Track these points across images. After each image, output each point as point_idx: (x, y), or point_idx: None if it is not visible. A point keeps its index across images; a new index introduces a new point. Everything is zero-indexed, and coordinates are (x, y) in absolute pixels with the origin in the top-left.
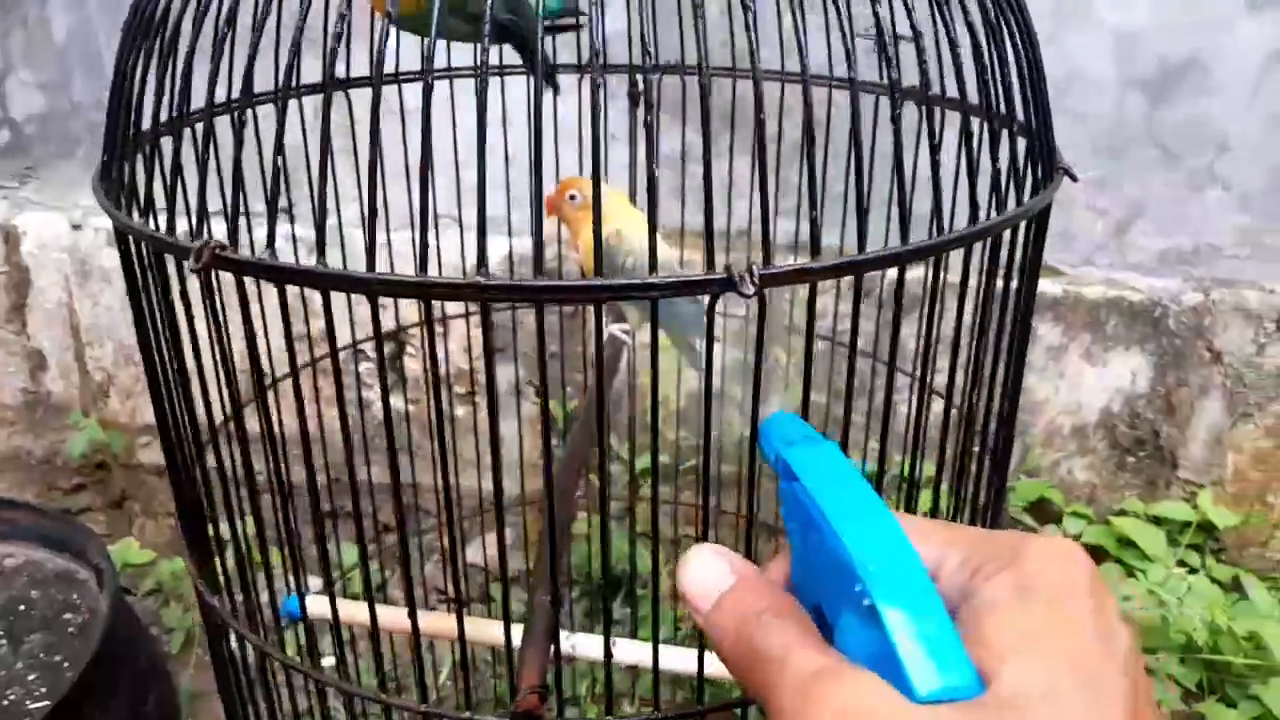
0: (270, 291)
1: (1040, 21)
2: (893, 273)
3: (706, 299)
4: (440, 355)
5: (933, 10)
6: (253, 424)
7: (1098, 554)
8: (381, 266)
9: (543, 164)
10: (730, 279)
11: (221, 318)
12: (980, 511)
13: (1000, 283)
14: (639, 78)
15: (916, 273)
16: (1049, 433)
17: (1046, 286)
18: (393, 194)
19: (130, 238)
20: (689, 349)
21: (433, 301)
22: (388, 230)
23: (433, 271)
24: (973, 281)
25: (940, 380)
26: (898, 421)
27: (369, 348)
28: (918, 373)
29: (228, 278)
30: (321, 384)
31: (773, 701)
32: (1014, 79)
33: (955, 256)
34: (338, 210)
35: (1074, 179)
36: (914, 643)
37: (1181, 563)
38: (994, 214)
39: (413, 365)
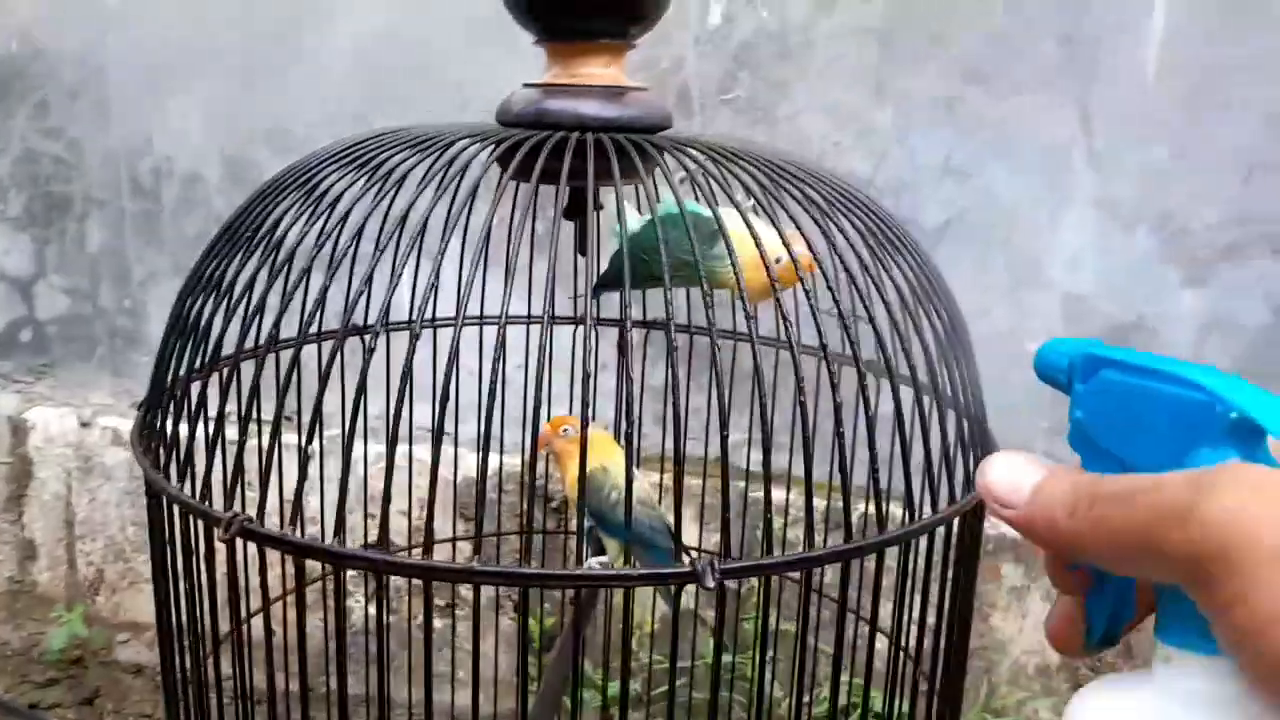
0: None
1: (996, 276)
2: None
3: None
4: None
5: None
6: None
7: None
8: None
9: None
10: (694, 572)
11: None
12: None
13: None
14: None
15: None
16: (1014, 672)
17: (1008, 529)
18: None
19: (164, 497)
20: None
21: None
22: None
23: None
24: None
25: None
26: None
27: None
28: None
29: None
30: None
31: (1164, 514)
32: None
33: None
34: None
35: None
36: None
37: None
38: (930, 509)
39: (396, 580)
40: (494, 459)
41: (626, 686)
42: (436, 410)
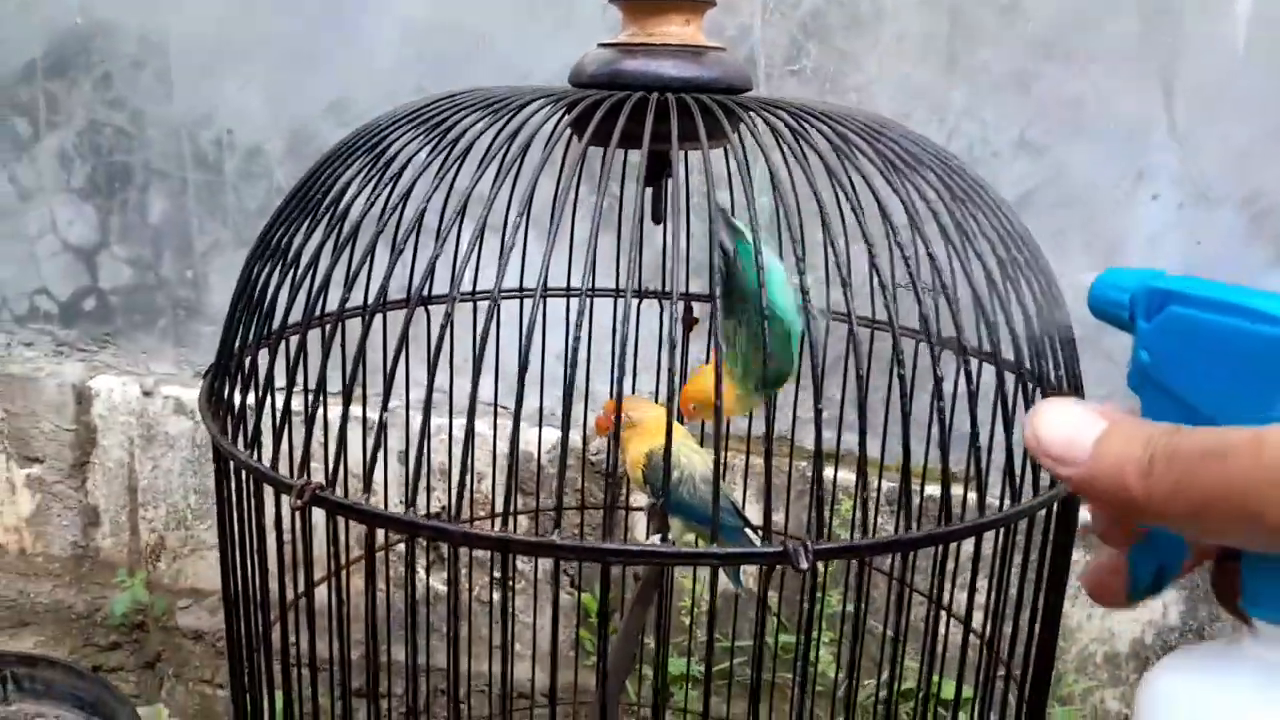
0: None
1: (1072, 257)
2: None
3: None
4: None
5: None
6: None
7: None
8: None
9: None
10: (786, 553)
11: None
12: None
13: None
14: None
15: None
16: (1081, 660)
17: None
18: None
19: (233, 464)
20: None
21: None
22: (450, 416)
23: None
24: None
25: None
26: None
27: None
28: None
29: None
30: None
31: (1270, 475)
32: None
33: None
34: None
35: None
36: None
37: None
38: (1032, 489)
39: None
40: (552, 434)
41: (710, 667)
42: (516, 382)
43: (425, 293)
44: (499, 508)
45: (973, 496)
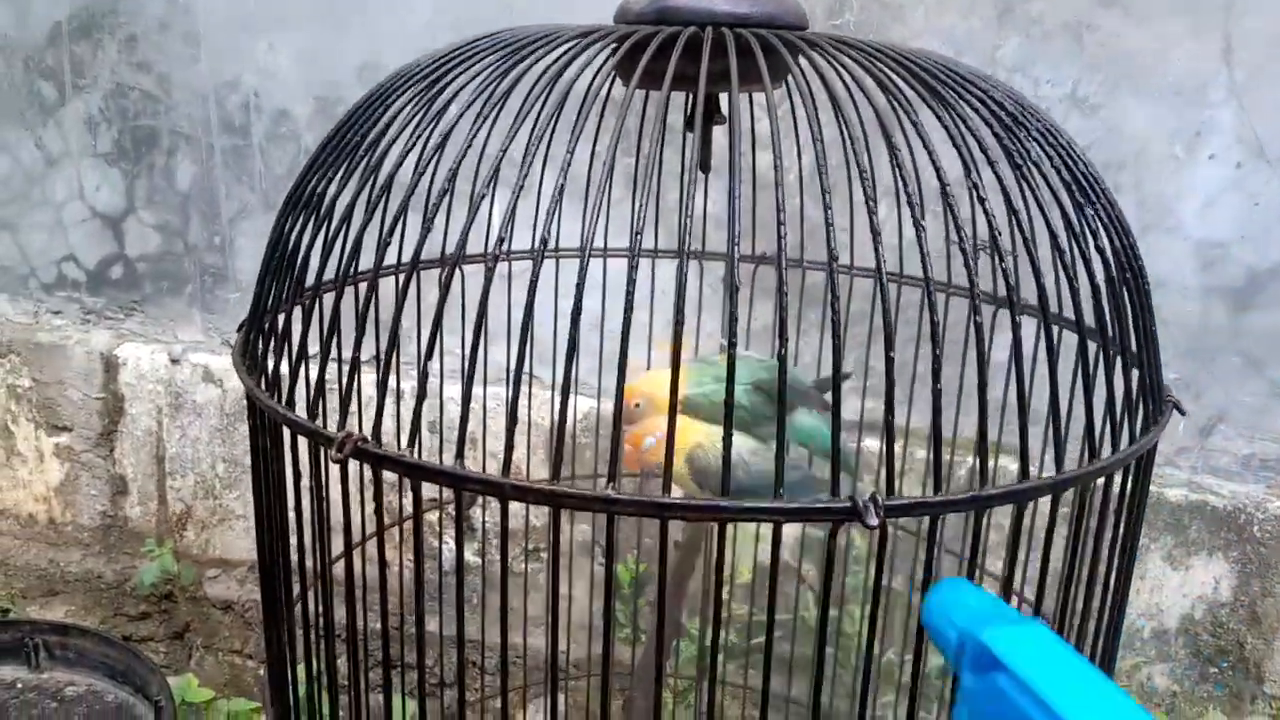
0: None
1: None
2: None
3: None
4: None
5: (1068, 236)
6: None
7: None
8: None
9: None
10: (855, 508)
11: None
12: None
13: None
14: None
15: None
16: (1129, 635)
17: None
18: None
19: (268, 416)
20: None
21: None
22: (484, 384)
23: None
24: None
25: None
26: None
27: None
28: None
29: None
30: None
31: None
32: (1129, 311)
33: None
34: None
35: (1183, 413)
36: None
37: None
38: (1110, 448)
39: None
40: (586, 402)
41: (773, 622)
42: (566, 347)
43: (500, 249)
44: (538, 474)
45: (1010, 466)
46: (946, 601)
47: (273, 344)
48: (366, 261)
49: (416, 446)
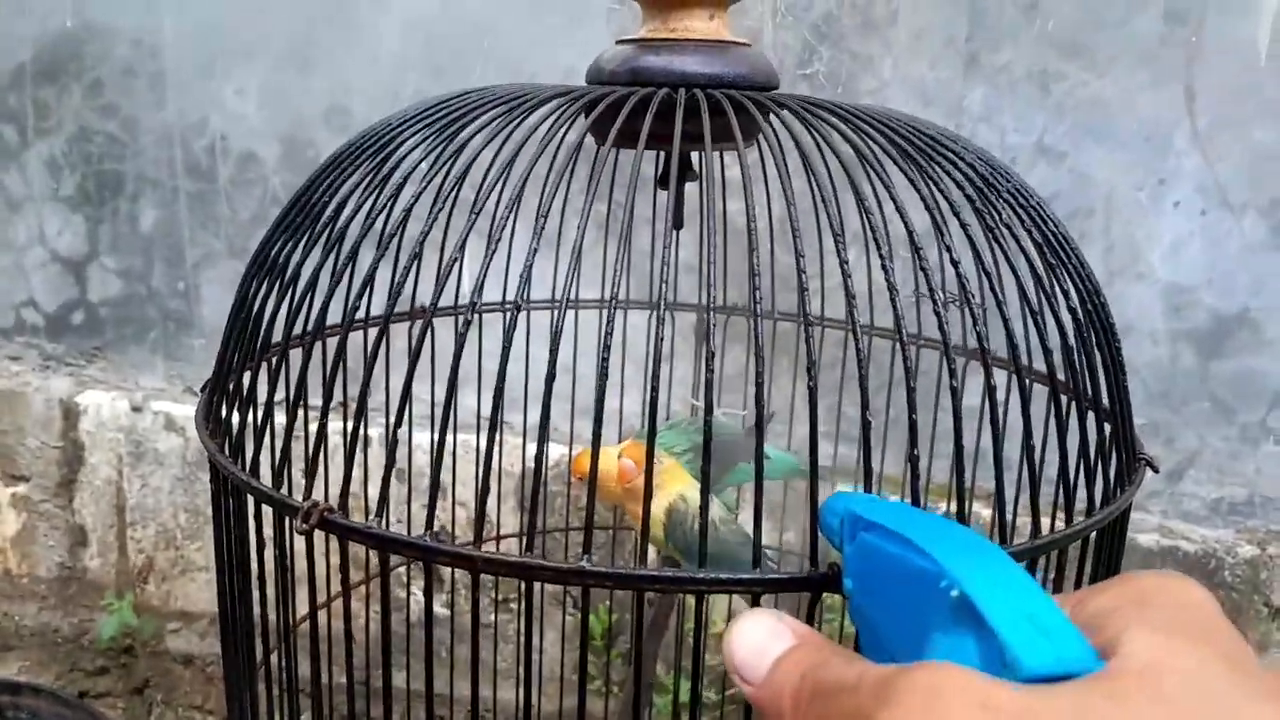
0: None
1: (1092, 264)
2: None
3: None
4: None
5: (1036, 288)
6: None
7: None
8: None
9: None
10: (832, 576)
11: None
12: None
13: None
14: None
15: None
16: None
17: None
18: (465, 396)
19: (232, 484)
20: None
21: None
22: (455, 431)
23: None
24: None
25: None
26: None
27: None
28: None
29: None
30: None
31: (876, 713)
32: (1098, 363)
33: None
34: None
35: (1155, 470)
36: (1014, 621)
37: None
38: (1085, 502)
39: (446, 571)
40: (557, 449)
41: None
42: (542, 399)
43: (476, 301)
44: (505, 528)
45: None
46: (832, 501)
47: (236, 407)
48: (334, 318)
49: (384, 517)
